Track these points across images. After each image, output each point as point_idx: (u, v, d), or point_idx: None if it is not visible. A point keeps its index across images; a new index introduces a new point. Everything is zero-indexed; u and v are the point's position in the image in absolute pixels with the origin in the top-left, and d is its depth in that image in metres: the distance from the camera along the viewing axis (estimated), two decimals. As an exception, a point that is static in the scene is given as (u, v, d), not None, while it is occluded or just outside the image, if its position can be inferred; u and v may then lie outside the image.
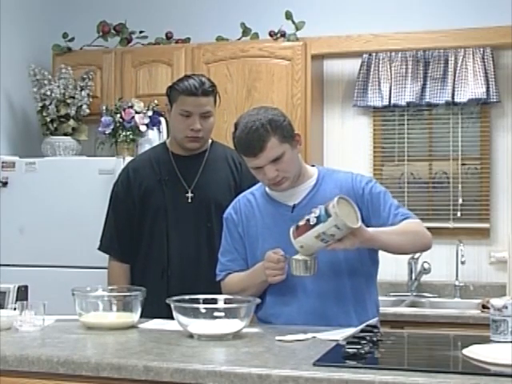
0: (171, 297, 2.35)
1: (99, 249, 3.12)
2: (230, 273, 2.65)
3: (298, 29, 4.24)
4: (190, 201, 2.99)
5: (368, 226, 2.44)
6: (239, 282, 2.59)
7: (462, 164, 4.30)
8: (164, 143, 3.17)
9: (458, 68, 4.19)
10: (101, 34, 4.54)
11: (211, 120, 2.99)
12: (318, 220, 2.27)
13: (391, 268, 4.21)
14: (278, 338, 2.24)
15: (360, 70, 4.37)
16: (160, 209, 2.99)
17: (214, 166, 3.04)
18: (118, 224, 3.06)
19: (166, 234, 2.98)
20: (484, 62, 4.16)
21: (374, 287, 2.63)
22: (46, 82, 4.30)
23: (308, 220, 2.31)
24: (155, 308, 2.61)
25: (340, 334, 2.20)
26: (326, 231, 2.27)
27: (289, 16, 4.24)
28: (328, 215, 2.25)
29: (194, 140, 2.98)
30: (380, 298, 2.70)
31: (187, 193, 2.99)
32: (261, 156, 2.45)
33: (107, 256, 3.11)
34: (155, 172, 3.03)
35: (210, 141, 3.09)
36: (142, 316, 2.53)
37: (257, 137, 2.44)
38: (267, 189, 2.63)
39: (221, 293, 2.56)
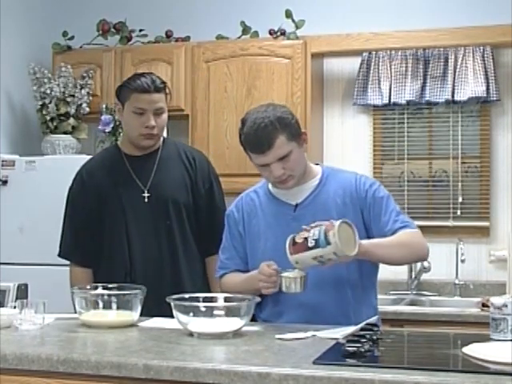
0: None
1: (59, 255, 3.07)
2: (227, 272, 2.65)
3: (297, 27, 4.24)
4: (146, 200, 2.95)
5: (368, 229, 2.47)
6: (236, 285, 2.58)
7: (462, 162, 4.30)
8: (116, 145, 3.14)
9: (458, 66, 4.19)
10: (101, 32, 4.54)
11: (164, 116, 2.97)
12: (317, 244, 2.24)
13: (391, 266, 4.19)
14: (277, 336, 2.24)
15: (360, 68, 4.36)
16: (117, 211, 2.95)
17: (168, 164, 3.01)
18: (76, 229, 3.01)
19: (126, 236, 2.95)
20: (484, 60, 4.15)
21: (374, 288, 2.63)
22: (45, 80, 4.29)
23: (306, 239, 2.26)
24: None
25: (340, 333, 2.20)
26: (324, 255, 2.26)
27: (289, 14, 4.24)
28: (327, 242, 2.22)
29: (149, 137, 2.94)
30: (380, 296, 2.70)
31: (143, 193, 2.95)
32: (269, 153, 2.43)
33: None
34: (109, 174, 3.00)
35: (161, 138, 3.06)
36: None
37: (265, 134, 2.42)
38: (270, 187, 2.63)
39: (185, 291, 2.50)
